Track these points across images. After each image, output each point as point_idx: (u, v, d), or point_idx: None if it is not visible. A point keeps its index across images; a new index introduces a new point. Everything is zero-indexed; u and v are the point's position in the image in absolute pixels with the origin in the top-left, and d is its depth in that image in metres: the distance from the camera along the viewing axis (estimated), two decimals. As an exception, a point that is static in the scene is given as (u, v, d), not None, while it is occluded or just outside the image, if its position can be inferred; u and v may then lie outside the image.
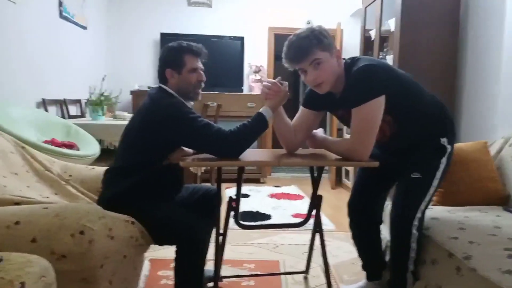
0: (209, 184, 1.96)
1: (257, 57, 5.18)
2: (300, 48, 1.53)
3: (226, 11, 5.14)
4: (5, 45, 2.83)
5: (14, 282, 0.81)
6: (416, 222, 1.61)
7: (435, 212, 1.83)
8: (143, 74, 4.97)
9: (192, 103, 1.74)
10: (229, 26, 5.12)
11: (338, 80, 1.62)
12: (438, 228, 1.66)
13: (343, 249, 2.58)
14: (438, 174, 1.64)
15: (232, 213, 1.77)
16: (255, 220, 3.17)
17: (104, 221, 1.31)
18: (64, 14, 3.74)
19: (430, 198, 1.65)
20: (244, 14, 5.16)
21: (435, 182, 1.64)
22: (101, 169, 1.96)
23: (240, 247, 2.57)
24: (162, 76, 1.70)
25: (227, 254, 2.37)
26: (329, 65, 1.56)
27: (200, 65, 1.71)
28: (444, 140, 1.66)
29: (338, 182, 4.68)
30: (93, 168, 2.06)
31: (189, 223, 1.57)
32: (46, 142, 2.43)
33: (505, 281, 1.20)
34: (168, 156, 1.65)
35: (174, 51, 1.68)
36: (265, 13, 5.16)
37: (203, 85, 1.73)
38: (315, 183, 1.84)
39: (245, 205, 3.55)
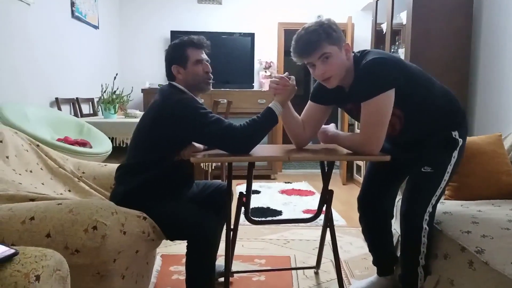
0: (220, 181, 1.97)
1: (267, 53, 5.17)
2: (308, 42, 1.53)
3: (236, 8, 5.14)
4: (19, 45, 2.89)
5: (29, 275, 0.84)
6: (426, 217, 1.59)
7: (447, 206, 1.81)
8: (154, 72, 5.01)
9: (202, 100, 1.74)
10: (239, 23, 5.12)
11: (347, 74, 1.61)
12: (450, 222, 1.64)
13: (354, 244, 2.57)
14: (450, 168, 1.62)
15: (242, 208, 1.78)
16: (266, 216, 3.18)
17: (116, 217, 1.34)
18: (76, 14, 3.79)
19: (441, 192, 1.64)
20: (253, 10, 5.16)
21: (447, 176, 1.62)
22: (113, 166, 1.99)
23: (251, 243, 2.58)
24: (170, 75, 1.72)
25: (238, 249, 2.40)
26: (338, 59, 1.55)
27: (204, 56, 1.71)
28: (455, 133, 1.64)
29: (349, 178, 4.66)
30: (105, 165, 2.09)
31: (200, 218, 1.59)
32: (59, 140, 2.48)
33: (519, 275, 1.19)
34: (179, 152, 1.66)
35: (176, 47, 1.70)
36: (275, 8, 5.15)
37: (211, 76, 1.73)
38: (326, 178, 1.84)
39: (256, 201, 3.56)
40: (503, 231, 1.47)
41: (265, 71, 5.09)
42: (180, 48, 1.70)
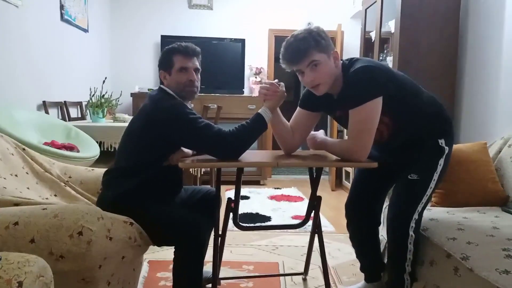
0: (208, 186, 1.97)
1: (257, 59, 5.19)
2: (297, 50, 1.54)
3: (227, 14, 5.16)
4: (7, 48, 2.85)
5: (12, 281, 0.82)
6: (413, 224, 1.60)
7: (434, 213, 1.84)
8: (144, 77, 4.99)
9: (192, 105, 1.74)
10: (229, 28, 5.14)
11: (335, 81, 1.63)
12: (436, 229, 1.66)
13: (343, 250, 2.58)
14: (436, 175, 1.64)
15: (231, 214, 1.78)
16: (254, 221, 3.17)
17: (102, 222, 1.32)
18: (65, 17, 3.76)
19: (428, 200, 1.65)
20: (244, 16, 5.18)
21: (433, 184, 1.64)
22: (100, 171, 1.97)
23: (240, 249, 2.57)
24: (160, 79, 1.73)
25: (226, 255, 2.38)
26: (327, 66, 1.56)
27: (191, 64, 1.69)
28: (442, 141, 1.66)
29: (338, 184, 4.68)
30: (92, 169, 2.06)
31: (188, 224, 1.58)
32: (46, 144, 2.44)
33: (502, 281, 1.20)
34: (168, 157, 1.66)
35: (165, 52, 1.71)
36: (266, 15, 5.18)
37: (197, 84, 1.71)
38: (314, 184, 1.85)
39: (245, 207, 3.55)
40: (488, 238, 1.49)
41: (255, 77, 5.11)
42: (167, 53, 1.70)
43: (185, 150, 1.69)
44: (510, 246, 1.40)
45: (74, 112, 3.93)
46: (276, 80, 1.71)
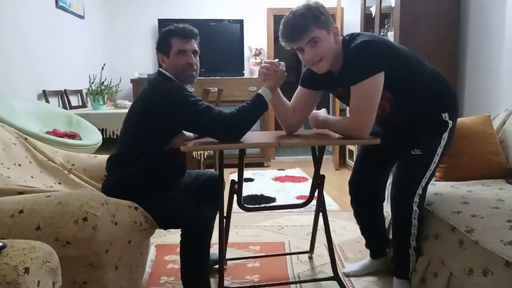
0: (212, 170, 1.97)
1: (257, 40, 5.12)
2: (296, 26, 1.51)
3: (224, -6, 5.07)
4: (2, 37, 2.82)
5: (18, 267, 0.83)
6: (416, 199, 1.60)
7: (438, 187, 1.83)
8: (143, 62, 4.95)
9: (192, 89, 1.72)
10: (227, 9, 5.06)
11: (336, 58, 1.60)
12: (441, 203, 1.65)
13: (348, 228, 2.59)
14: (440, 150, 1.63)
15: (235, 196, 1.78)
16: (259, 203, 3.19)
17: (107, 207, 1.32)
18: (60, 4, 3.71)
19: (431, 175, 1.65)
20: (242, -4, 5.09)
21: (436, 158, 1.63)
22: (103, 157, 1.97)
23: (245, 230, 2.59)
24: (158, 62, 1.71)
25: (233, 237, 2.40)
26: (327, 43, 1.53)
27: (189, 46, 1.66)
28: (445, 115, 1.64)
29: (342, 163, 4.68)
30: (95, 156, 2.07)
31: (193, 207, 1.59)
32: (48, 133, 2.44)
33: (508, 252, 1.21)
34: (169, 141, 1.65)
35: (162, 35, 1.68)
36: (263, -6, 5.09)
37: (196, 67, 1.69)
38: (317, 163, 1.84)
39: (249, 189, 3.56)
40: (493, 210, 1.49)
41: (255, 58, 5.05)
42: (164, 36, 1.67)
43: (187, 133, 1.69)
44: (515, 217, 1.40)
45: (74, 100, 3.92)
46: (277, 60, 1.68)
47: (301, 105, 1.77)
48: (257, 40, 5.12)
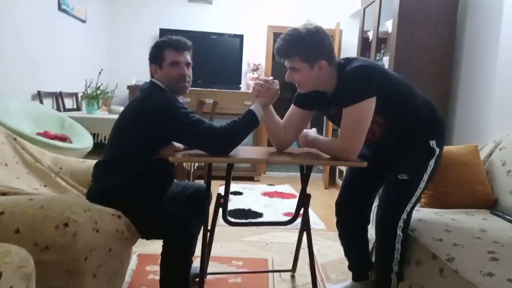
0: (200, 182, 1.97)
1: (255, 55, 5.17)
2: (281, 49, 1.58)
3: (226, 8, 5.13)
4: (3, 37, 2.83)
5: (-9, 271, 0.82)
6: (401, 223, 1.61)
7: (422, 213, 1.84)
8: (141, 69, 4.94)
9: (188, 99, 1.74)
10: (228, 24, 5.12)
11: (329, 80, 1.63)
12: (424, 229, 1.66)
13: (333, 248, 2.58)
14: (426, 176, 1.65)
15: (220, 210, 1.78)
16: (246, 217, 3.17)
17: (89, 214, 1.32)
18: (63, 6, 3.73)
19: (417, 200, 1.66)
20: (244, 11, 5.16)
21: (422, 184, 1.64)
22: (91, 162, 1.96)
23: (230, 244, 2.57)
24: (151, 72, 1.72)
25: (217, 251, 2.39)
26: (306, 75, 1.59)
27: (182, 58, 1.68)
28: (433, 142, 1.66)
29: (331, 182, 4.69)
30: (84, 161, 2.06)
31: (177, 218, 1.58)
32: (39, 134, 2.43)
33: (486, 284, 1.21)
34: (158, 150, 1.65)
35: (156, 46, 1.70)
36: (265, 11, 5.16)
37: (188, 78, 1.70)
38: (304, 181, 1.85)
39: (237, 203, 3.55)
40: (474, 240, 1.50)
41: (253, 73, 5.10)
42: (158, 47, 1.69)
43: (176, 144, 1.69)
44: (496, 248, 1.41)
45: (69, 103, 3.92)
46: (271, 78, 1.71)
47: (293, 124, 1.79)
48: (255, 55, 5.17)
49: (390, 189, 1.70)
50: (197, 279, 1.81)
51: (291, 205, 3.57)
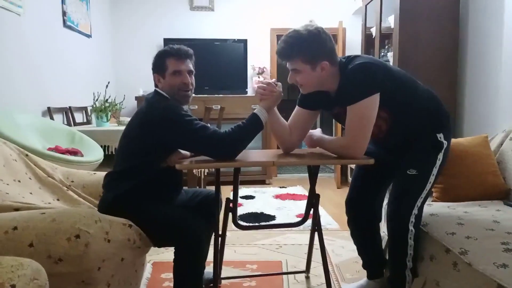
0: (212, 188, 1.98)
1: (260, 59, 5.19)
2: (283, 52, 1.59)
3: (229, 14, 5.17)
4: (10, 55, 2.90)
5: (5, 284, 0.84)
6: (412, 219, 1.60)
7: (434, 208, 1.82)
8: (148, 80, 4.97)
9: (195, 106, 1.76)
10: (231, 29, 5.15)
11: (332, 79, 1.63)
12: (436, 224, 1.65)
13: (346, 247, 2.57)
14: (435, 170, 1.63)
15: (230, 214, 1.79)
16: (259, 221, 3.18)
17: (100, 225, 1.34)
18: (68, 23, 3.81)
19: (427, 194, 1.64)
20: (246, 16, 5.19)
21: (432, 178, 1.63)
22: (102, 174, 1.99)
23: (243, 249, 2.58)
24: (155, 82, 1.75)
25: (230, 255, 2.40)
26: (309, 76, 1.59)
27: (184, 67, 1.70)
28: (440, 136, 1.65)
29: (343, 181, 4.66)
30: (94, 173, 2.09)
31: (187, 224, 1.59)
32: (50, 149, 2.48)
33: (499, 275, 1.20)
34: (166, 158, 1.67)
35: (158, 56, 1.73)
36: (267, 14, 5.18)
37: (191, 86, 1.72)
38: (312, 182, 1.85)
39: (249, 207, 3.56)
40: (488, 232, 1.48)
41: (258, 77, 5.11)
42: (160, 57, 1.72)
43: (183, 151, 1.71)
44: (509, 239, 1.39)
45: (79, 117, 3.98)
46: (274, 80, 1.73)
47: (298, 125, 1.79)
48: (260, 59, 5.19)
49: (399, 185, 1.69)
50: (211, 284, 1.82)
51: (304, 206, 3.55)
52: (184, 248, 1.56)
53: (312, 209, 1.86)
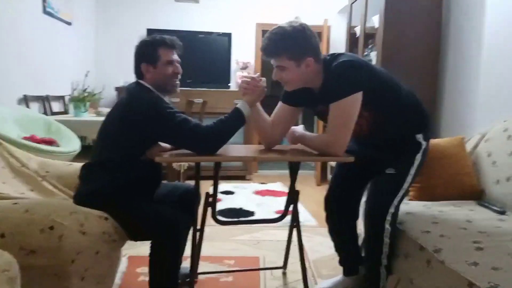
0: (189, 183, 1.96)
1: (244, 54, 5.17)
2: (267, 48, 1.58)
3: (214, 7, 5.12)
4: (-16, 40, 2.80)
5: (-28, 276, 0.81)
6: (389, 217, 1.62)
7: (410, 207, 1.86)
8: (129, 70, 4.89)
9: (177, 99, 1.74)
10: (216, 22, 5.11)
11: (315, 77, 1.63)
12: (411, 222, 1.68)
13: (324, 244, 2.59)
14: (413, 170, 1.66)
15: (209, 209, 1.77)
16: (238, 217, 3.18)
17: (75, 216, 1.31)
18: (47, 9, 3.70)
19: (404, 194, 1.67)
20: (231, 10, 5.15)
21: (409, 178, 1.66)
22: (78, 165, 1.94)
23: (222, 244, 2.57)
24: (138, 71, 1.71)
25: (208, 250, 2.38)
26: (294, 73, 1.59)
27: (175, 57, 1.69)
28: (419, 137, 1.68)
29: (323, 179, 4.70)
30: (70, 164, 2.05)
31: (164, 218, 1.57)
32: (25, 138, 2.41)
33: (471, 272, 1.23)
34: (145, 151, 1.64)
35: (148, 45, 1.68)
36: (253, 9, 5.16)
37: (179, 77, 1.71)
38: (293, 178, 1.85)
39: (229, 202, 3.55)
40: (460, 231, 1.52)
41: (242, 71, 5.09)
42: (151, 46, 1.68)
43: (163, 144, 1.68)
44: (481, 238, 1.43)
45: (56, 106, 3.88)
46: (258, 74, 1.72)
47: (281, 121, 1.79)
48: (244, 53, 5.17)
49: (377, 183, 1.72)
50: (188, 279, 1.81)
51: (283, 202, 3.56)
52: (161, 243, 1.54)
53: (291, 205, 1.86)
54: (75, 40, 4.40)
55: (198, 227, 1.75)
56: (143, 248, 2.31)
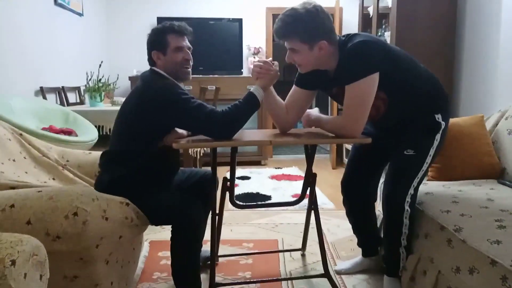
0: (206, 168, 1.98)
1: (256, 39, 5.13)
2: (280, 31, 1.56)
3: (223, -7, 5.08)
4: (1, 34, 2.83)
5: (5, 260, 0.84)
6: (408, 199, 1.61)
7: (429, 187, 1.84)
8: (141, 59, 4.91)
9: (190, 87, 1.74)
10: (226, 8, 5.07)
11: (330, 58, 1.61)
12: (431, 202, 1.66)
13: (342, 226, 2.60)
14: (432, 151, 1.63)
15: (227, 194, 1.79)
16: (255, 201, 3.20)
17: (97, 203, 1.34)
18: (59, 1, 3.72)
19: (423, 175, 1.65)
20: (241, -5, 5.10)
21: (429, 159, 1.63)
22: (97, 154, 1.98)
23: (240, 228, 2.60)
24: (150, 60, 1.71)
25: (227, 234, 2.42)
26: (306, 55, 1.57)
27: (185, 43, 1.68)
28: (438, 116, 1.65)
29: (339, 162, 4.69)
30: (90, 153, 2.08)
31: (184, 204, 1.59)
32: (44, 129, 2.45)
33: (493, 251, 1.22)
34: (162, 138, 1.66)
35: (157, 32, 1.68)
36: (263, -7, 5.10)
37: (191, 63, 1.70)
38: (309, 161, 1.85)
39: (245, 187, 3.58)
40: (481, 210, 1.50)
41: (254, 57, 5.06)
42: (161, 33, 1.67)
43: (180, 130, 1.69)
44: (503, 217, 1.41)
45: (72, 97, 3.93)
46: (270, 59, 1.70)
47: (295, 104, 1.78)
48: (256, 39, 5.13)
49: (396, 165, 1.70)
50: (209, 262, 1.84)
51: (299, 186, 3.55)
52: (181, 229, 1.57)
53: (308, 189, 1.86)
54: (87, 31, 4.43)
55: (217, 211, 1.76)
56: (163, 233, 2.37)
